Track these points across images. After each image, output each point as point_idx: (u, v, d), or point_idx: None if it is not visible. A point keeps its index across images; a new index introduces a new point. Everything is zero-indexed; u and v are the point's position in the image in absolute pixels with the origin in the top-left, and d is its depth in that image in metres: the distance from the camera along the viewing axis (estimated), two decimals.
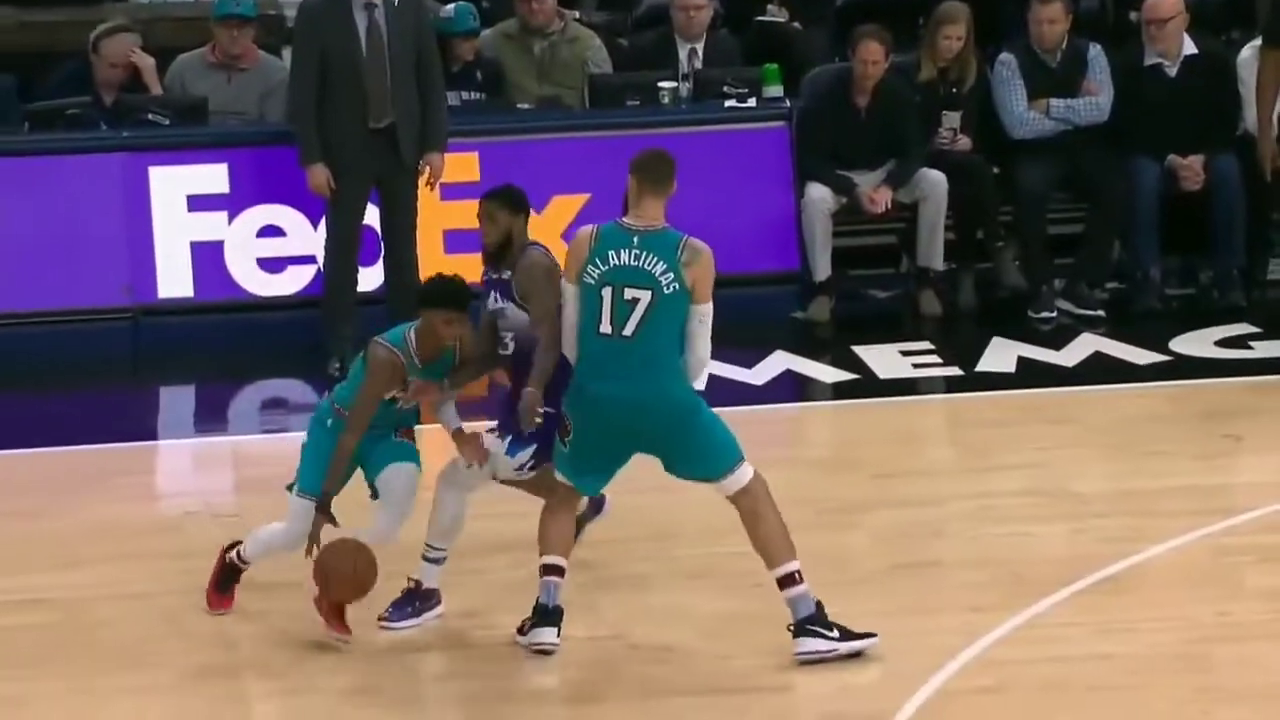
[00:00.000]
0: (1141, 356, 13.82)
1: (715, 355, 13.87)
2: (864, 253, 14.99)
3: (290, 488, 10.04)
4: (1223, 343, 13.93)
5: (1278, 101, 13.28)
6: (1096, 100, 14.60)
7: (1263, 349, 13.73)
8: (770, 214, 14.60)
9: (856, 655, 9.92)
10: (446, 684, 9.91)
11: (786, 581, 9.92)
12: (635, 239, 9.70)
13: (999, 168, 14.63)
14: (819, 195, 14.42)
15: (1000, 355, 13.92)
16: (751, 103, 14.79)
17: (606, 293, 9.64)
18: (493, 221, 10.03)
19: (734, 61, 15.17)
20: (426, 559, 10.07)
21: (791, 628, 9.95)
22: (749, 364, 13.88)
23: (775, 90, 14.82)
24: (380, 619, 10.03)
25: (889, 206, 14.46)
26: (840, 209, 14.46)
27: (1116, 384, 13.44)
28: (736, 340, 13.93)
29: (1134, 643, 10.15)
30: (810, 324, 14.42)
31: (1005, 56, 14.69)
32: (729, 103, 14.80)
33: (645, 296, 9.69)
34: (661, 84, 14.88)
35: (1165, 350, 13.83)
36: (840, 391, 13.68)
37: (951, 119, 14.61)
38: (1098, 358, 13.85)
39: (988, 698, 9.69)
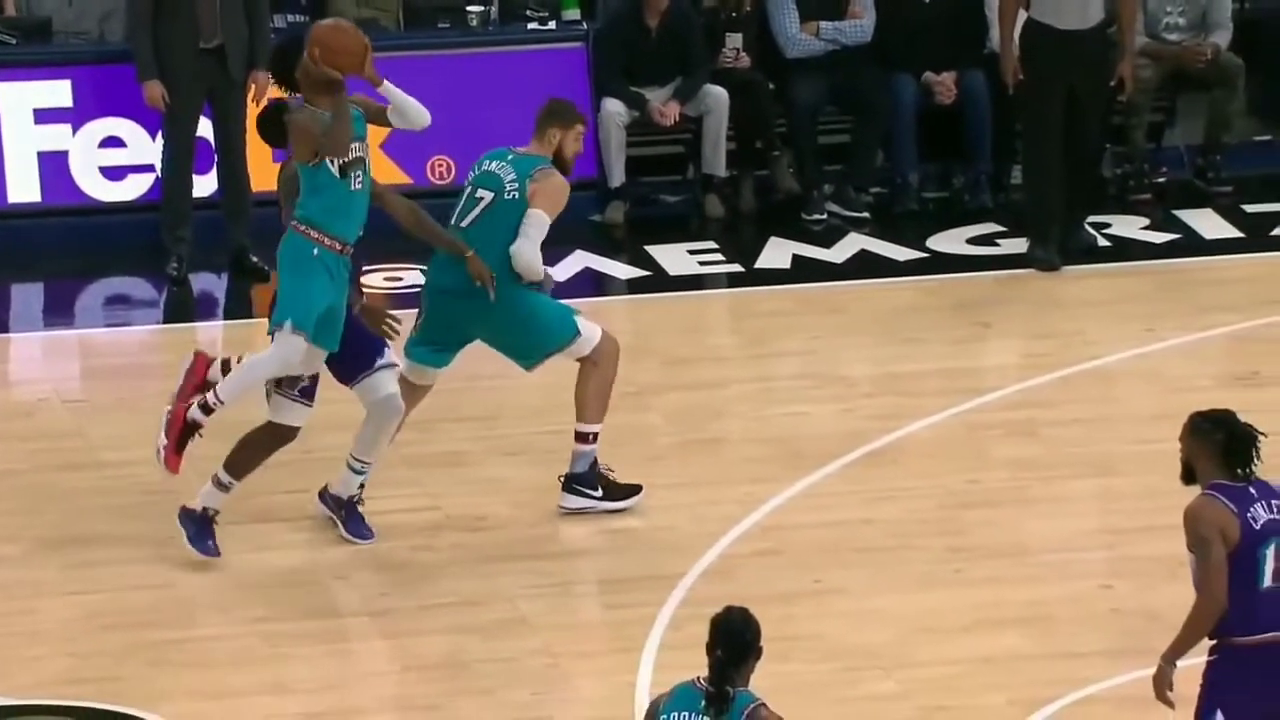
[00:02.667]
0: (902, 254, 13.88)
1: None
2: (655, 161, 14.98)
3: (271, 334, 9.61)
4: (973, 240, 14.01)
5: (1018, 21, 13.37)
6: (861, 23, 14.64)
7: (1008, 246, 13.78)
8: None
9: (618, 512, 10.06)
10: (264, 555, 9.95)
11: (579, 438, 10.14)
12: (510, 157, 10.31)
13: (775, 84, 14.64)
14: (613, 109, 14.43)
15: (777, 253, 13.93)
16: (552, 25, 14.73)
17: (467, 191, 10.24)
18: None
19: None
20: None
21: (561, 479, 10.12)
22: (552, 262, 13.75)
23: (573, 14, 14.77)
24: None
25: (677, 119, 14.47)
26: (633, 121, 14.46)
27: (880, 278, 13.50)
28: (541, 240, 14.01)
29: (895, 508, 10.33)
30: (607, 226, 14.42)
31: None
32: (531, 25, 14.74)
33: (488, 197, 10.12)
34: (469, 8, 14.82)
35: (923, 248, 13.89)
36: (634, 287, 13.72)
37: (734, 40, 14.61)
38: (863, 255, 13.88)
39: (766, 559, 9.84)
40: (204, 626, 9.44)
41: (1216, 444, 7.32)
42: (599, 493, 10.23)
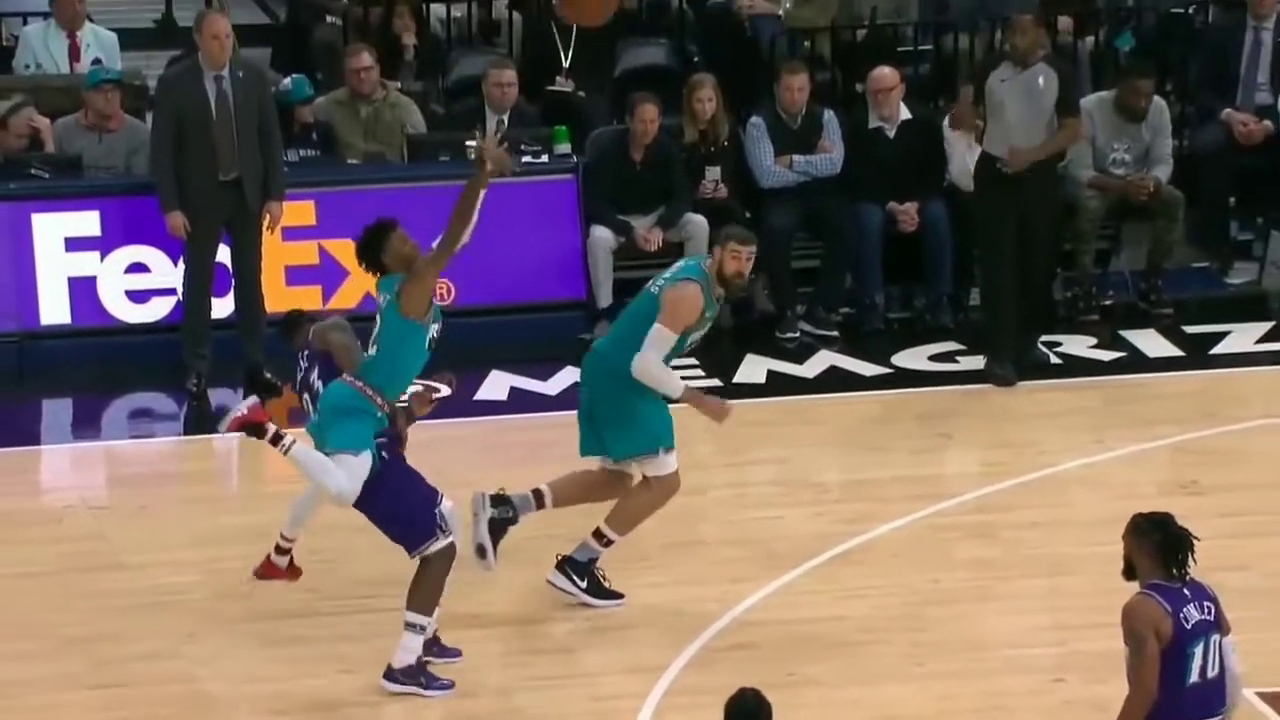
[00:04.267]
0: (869, 369, 13.91)
1: (517, 370, 14.08)
2: (640, 283, 14.95)
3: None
4: (935, 357, 14.02)
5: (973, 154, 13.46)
6: (830, 157, 14.74)
7: (967, 362, 13.80)
8: (561, 251, 14.64)
9: (592, 606, 10.07)
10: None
11: (597, 535, 10.22)
12: (666, 273, 10.44)
13: (751, 212, 14.73)
14: (602, 235, 14.50)
15: (753, 368, 13.97)
16: (545, 159, 14.82)
17: None
18: None
19: (531, 124, 15.21)
20: None
21: (559, 558, 10.11)
22: (544, 377, 13.90)
23: (564, 148, 14.86)
24: None
25: (660, 244, 14.55)
26: (620, 246, 14.54)
27: (848, 392, 13.55)
28: (534, 357, 14.06)
29: (864, 606, 10.33)
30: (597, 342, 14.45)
31: (755, 119, 14.81)
32: (526, 158, 14.80)
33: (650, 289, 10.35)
34: (468, 143, 14.89)
35: (888, 364, 13.92)
36: None
37: (712, 172, 14.70)
38: (833, 370, 13.93)
39: (743, 652, 9.83)
40: None
41: (1154, 544, 7.34)
42: (584, 584, 10.24)
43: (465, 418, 13.28)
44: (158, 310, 14.42)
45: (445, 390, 10.10)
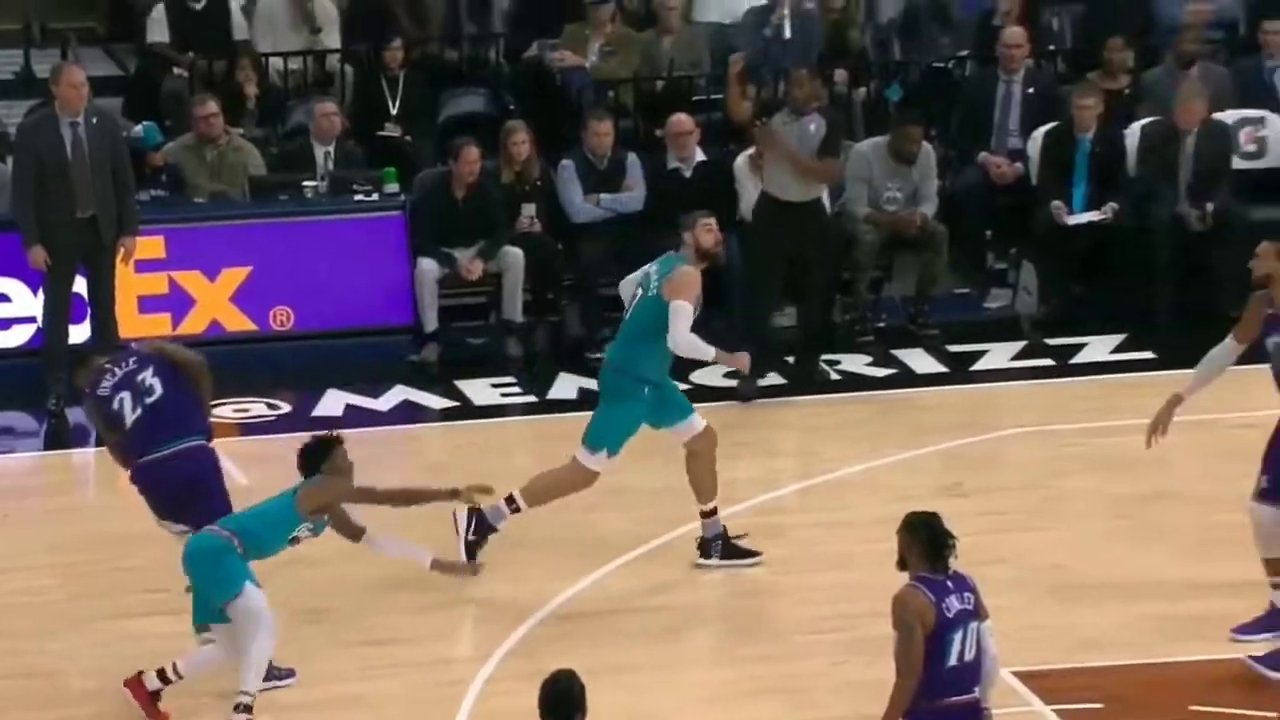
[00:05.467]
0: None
1: (351, 389, 14.02)
2: (462, 309, 15.03)
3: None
4: (729, 374, 13.95)
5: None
6: (634, 194, 14.83)
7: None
8: (391, 281, 14.58)
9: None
10: None
11: (508, 501, 10.59)
12: (657, 262, 10.64)
13: (563, 245, 14.79)
14: (427, 266, 14.48)
15: (566, 386, 13.94)
16: (375, 196, 14.78)
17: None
18: None
19: (360, 165, 15.17)
20: None
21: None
22: (376, 395, 13.88)
23: (393, 187, 14.81)
24: None
25: (481, 274, 14.56)
26: (444, 276, 14.53)
27: None
28: (366, 377, 14.02)
29: (673, 598, 10.46)
30: (423, 364, 14.40)
31: (566, 162, 14.84)
32: (358, 196, 14.80)
33: (638, 293, 10.54)
34: (305, 183, 14.88)
35: (688, 380, 13.73)
36: (446, 415, 13.71)
37: (528, 209, 14.71)
38: None
39: (563, 641, 9.82)
40: None
41: (922, 542, 7.48)
42: (472, 536, 10.53)
43: (303, 433, 13.22)
44: (20, 336, 14.26)
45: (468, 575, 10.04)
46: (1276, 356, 9.46)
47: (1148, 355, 13.98)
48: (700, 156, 14.80)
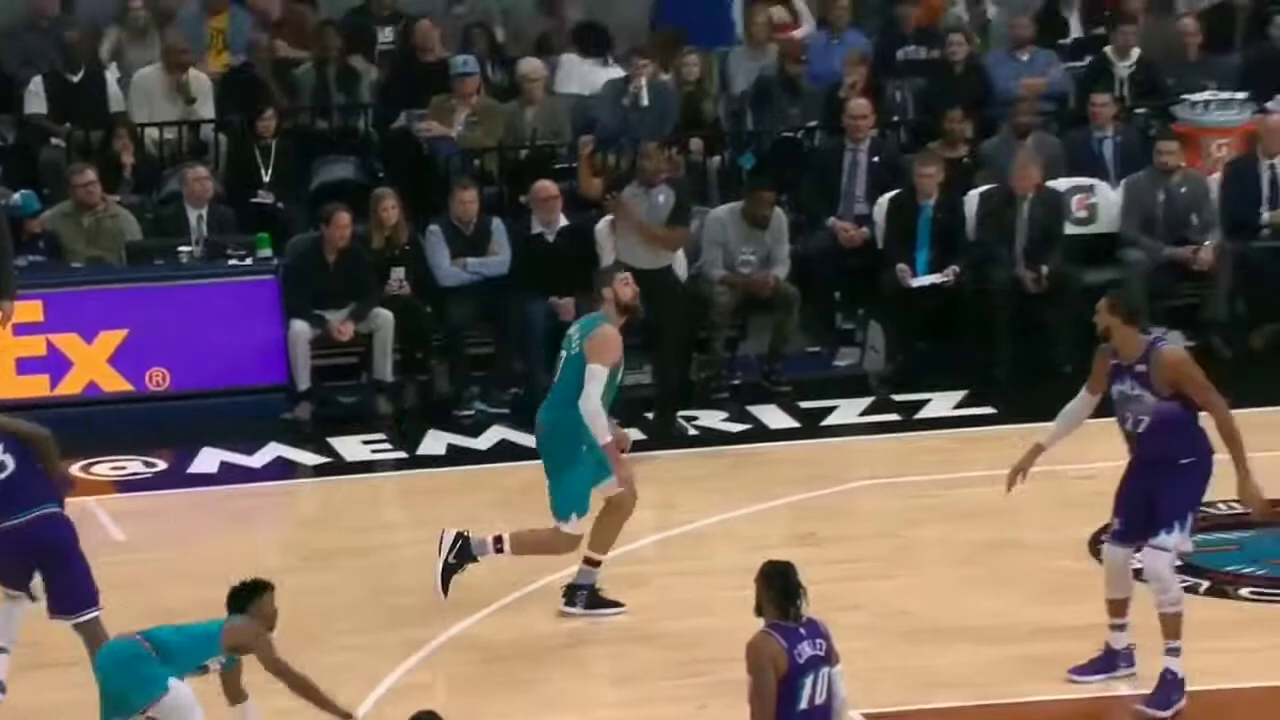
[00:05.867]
0: (534, 441, 13.92)
1: (226, 446, 13.91)
2: (334, 369, 14.96)
3: None
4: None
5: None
6: (499, 258, 14.82)
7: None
8: (265, 342, 14.48)
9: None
10: None
11: (496, 541, 10.67)
12: (578, 323, 10.68)
13: (432, 307, 14.76)
14: (300, 328, 14.41)
15: (434, 442, 13.91)
16: (249, 261, 14.71)
17: None
18: None
19: (233, 230, 15.09)
20: None
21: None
22: (250, 452, 13.80)
23: (266, 252, 14.74)
24: None
25: (352, 335, 14.51)
26: (316, 337, 14.47)
27: (518, 461, 13.48)
28: (240, 435, 13.93)
29: (536, 645, 10.37)
30: (296, 422, 14.34)
31: (433, 227, 14.81)
32: (231, 261, 14.72)
33: (563, 355, 10.50)
34: (180, 248, 14.79)
35: None
36: (319, 471, 13.62)
37: (398, 272, 14.67)
38: (504, 443, 13.90)
39: (429, 690, 9.81)
40: None
41: (775, 590, 7.53)
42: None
43: (179, 489, 13.17)
44: None
45: None
46: (1120, 405, 9.61)
47: (988, 410, 14.13)
48: (564, 221, 14.82)
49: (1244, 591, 10.73)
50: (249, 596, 8.76)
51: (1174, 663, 9.48)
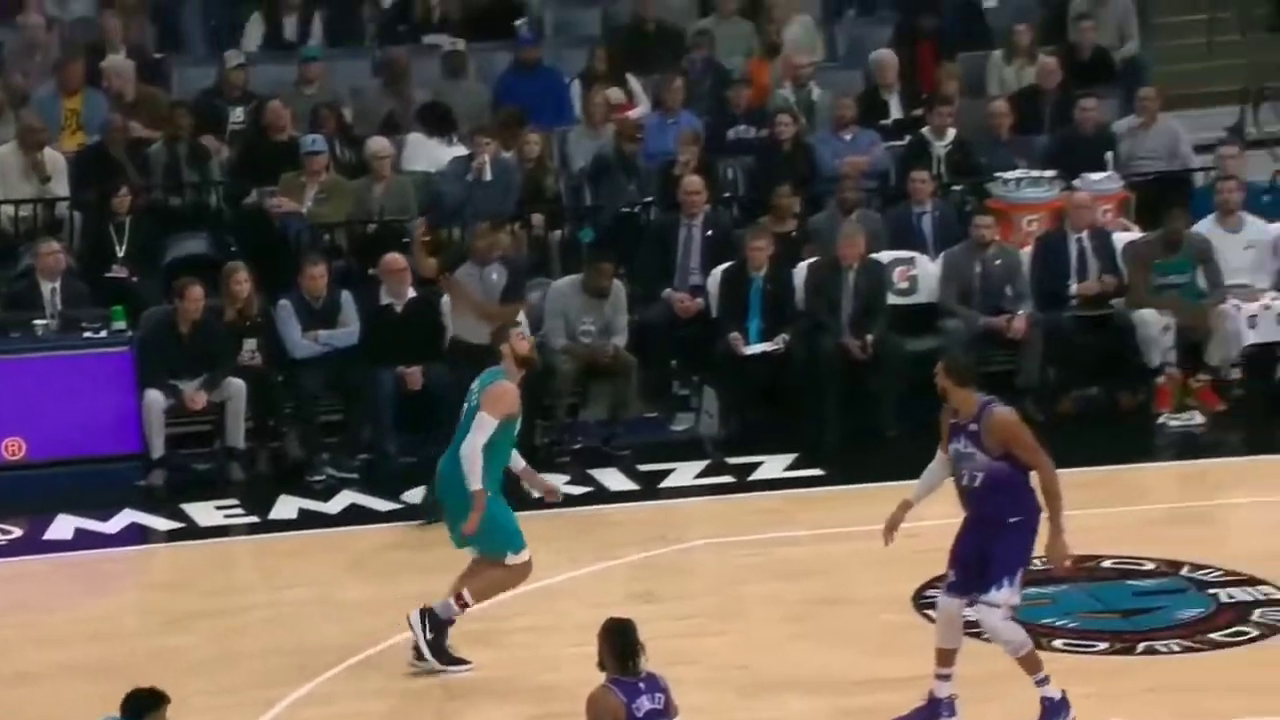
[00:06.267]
0: (384, 505, 13.85)
1: (81, 513, 13.74)
2: (188, 436, 14.82)
3: None
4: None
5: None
6: (349, 330, 14.76)
7: None
8: (121, 411, 14.37)
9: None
10: None
11: (458, 599, 10.62)
12: (479, 379, 10.66)
13: (284, 376, 14.66)
14: (154, 397, 14.26)
15: (287, 507, 13.82)
16: (104, 334, 14.56)
17: None
18: None
19: (88, 303, 14.92)
20: None
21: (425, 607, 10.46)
22: (105, 519, 13.62)
23: (121, 325, 14.60)
24: None
25: (205, 405, 14.39)
26: (170, 406, 14.33)
27: (368, 524, 13.53)
28: (96, 502, 13.76)
29: (384, 705, 10.31)
30: (150, 489, 14.20)
31: (284, 301, 14.69)
32: (86, 334, 14.56)
33: (465, 408, 10.50)
34: (35, 321, 14.61)
35: (399, 500, 13.90)
36: (173, 536, 13.47)
37: (250, 344, 14.57)
38: (353, 507, 13.85)
39: None
40: None
41: (615, 645, 7.56)
42: (430, 636, 10.51)
43: (36, 555, 12.98)
44: None
45: None
46: (957, 462, 9.75)
47: (817, 472, 14.24)
48: (412, 293, 14.78)
49: (1057, 643, 10.88)
50: (146, 707, 8.59)
51: (1047, 689, 9.66)
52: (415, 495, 13.80)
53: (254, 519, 13.74)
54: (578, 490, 14.16)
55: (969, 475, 9.67)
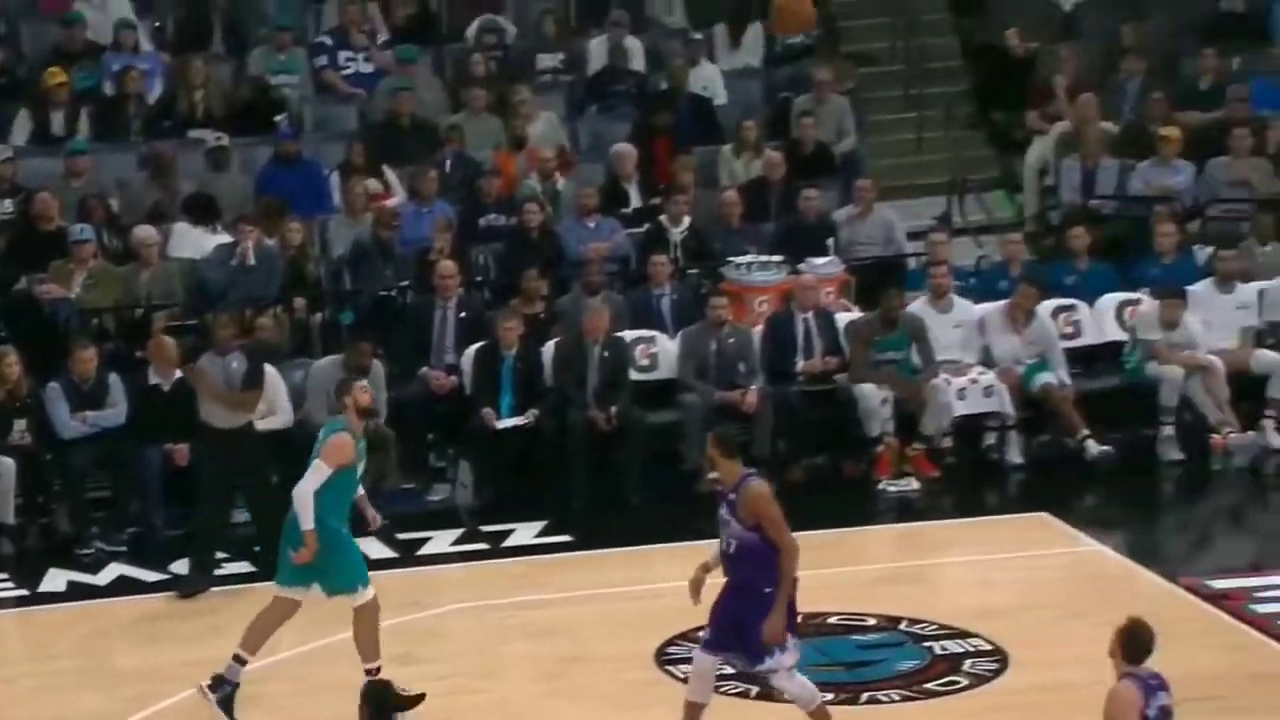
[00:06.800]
0: (151, 576, 13.52)
1: None
2: None
3: None
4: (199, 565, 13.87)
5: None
6: (116, 410, 14.41)
7: (231, 568, 13.56)
8: None
9: None
10: None
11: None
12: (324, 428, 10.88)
13: (54, 455, 14.32)
14: None
15: (55, 580, 13.55)
16: None
17: None
18: None
19: None
20: None
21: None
22: None
23: None
24: None
25: None
26: None
27: (135, 595, 13.18)
28: None
29: None
30: None
31: (53, 384, 14.33)
32: None
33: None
34: None
35: (167, 571, 13.49)
36: None
37: (19, 425, 14.17)
38: (122, 578, 13.56)
39: None
40: None
41: (373, 706, 7.59)
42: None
43: None
44: None
45: None
46: (720, 527, 9.92)
47: (566, 538, 14.33)
48: (178, 374, 14.62)
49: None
50: None
51: None
52: (181, 566, 13.64)
53: (23, 592, 13.46)
54: None
55: (727, 541, 9.85)
